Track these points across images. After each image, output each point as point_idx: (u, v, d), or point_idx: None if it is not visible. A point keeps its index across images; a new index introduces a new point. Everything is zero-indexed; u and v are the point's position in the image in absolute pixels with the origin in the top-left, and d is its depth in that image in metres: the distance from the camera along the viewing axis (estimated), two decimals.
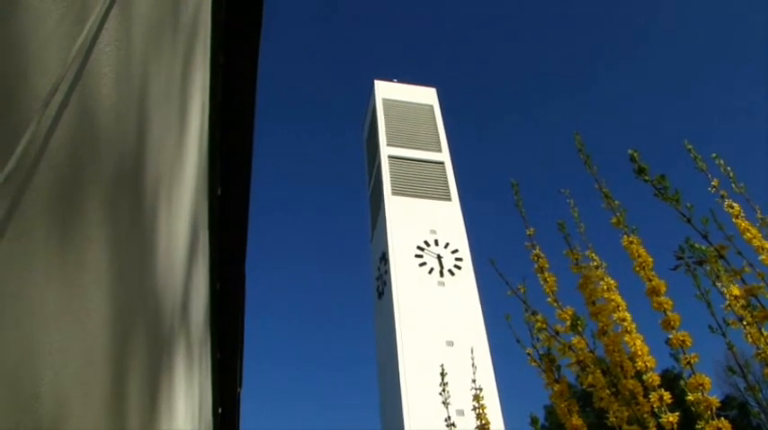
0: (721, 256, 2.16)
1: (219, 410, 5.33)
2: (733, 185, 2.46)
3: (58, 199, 1.00)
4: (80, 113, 1.09)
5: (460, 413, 4.15)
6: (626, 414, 2.03)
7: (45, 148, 0.93)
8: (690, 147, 2.45)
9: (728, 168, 2.50)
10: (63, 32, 0.99)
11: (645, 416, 2.00)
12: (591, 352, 2.19)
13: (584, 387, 2.17)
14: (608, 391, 2.09)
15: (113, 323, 1.36)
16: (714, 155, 2.53)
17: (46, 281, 0.96)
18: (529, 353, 2.42)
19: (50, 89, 0.92)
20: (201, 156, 3.08)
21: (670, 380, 2.21)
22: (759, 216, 2.35)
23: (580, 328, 2.22)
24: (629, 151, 2.27)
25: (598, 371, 2.13)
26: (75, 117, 1.06)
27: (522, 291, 2.49)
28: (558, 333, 2.30)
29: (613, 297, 2.19)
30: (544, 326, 2.33)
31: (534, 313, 2.39)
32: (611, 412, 2.06)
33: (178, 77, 2.23)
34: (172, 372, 2.41)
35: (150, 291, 1.84)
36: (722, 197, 2.36)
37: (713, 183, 2.40)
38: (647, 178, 2.23)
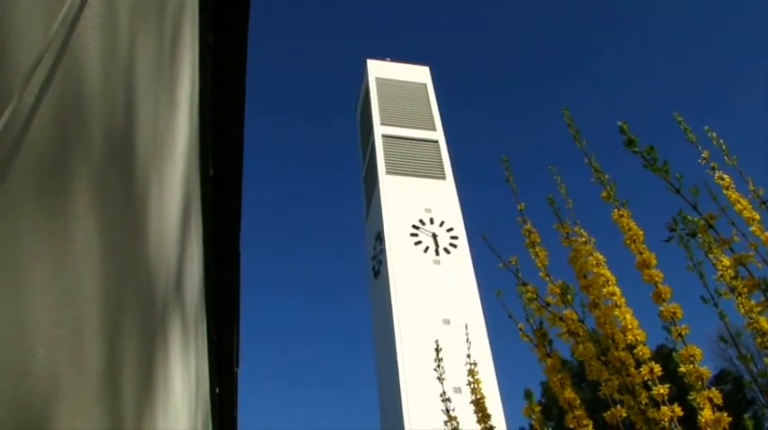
0: (710, 226, 2.16)
1: (217, 390, 5.36)
2: (725, 158, 2.46)
3: (44, 176, 1.00)
4: (65, 89, 1.08)
5: (458, 390, 4.18)
6: (616, 383, 2.05)
7: (29, 124, 0.92)
8: (680, 118, 2.44)
9: (721, 141, 2.50)
10: (44, 7, 0.98)
11: (636, 387, 2.02)
12: (581, 321, 2.21)
13: (575, 357, 2.18)
14: (599, 362, 2.10)
15: (106, 300, 1.36)
16: (706, 128, 2.52)
17: (34, 258, 0.96)
18: (521, 328, 2.43)
19: (32, 64, 0.91)
20: (192, 137, 3.06)
21: (665, 356, 2.22)
22: (751, 188, 2.35)
23: (570, 298, 2.23)
24: (619, 123, 2.26)
25: (589, 341, 2.14)
26: (60, 92, 1.05)
27: (513, 263, 2.50)
28: (548, 304, 2.31)
29: (602, 271, 2.19)
30: (535, 296, 2.34)
31: (524, 284, 2.40)
32: (603, 382, 2.08)
33: (166, 55, 2.21)
34: (167, 351, 2.41)
35: (143, 269, 1.84)
36: (713, 169, 2.36)
37: (703, 154, 2.39)
38: (636, 149, 2.23)
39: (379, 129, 29.84)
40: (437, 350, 3.46)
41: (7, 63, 0.87)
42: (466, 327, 4.74)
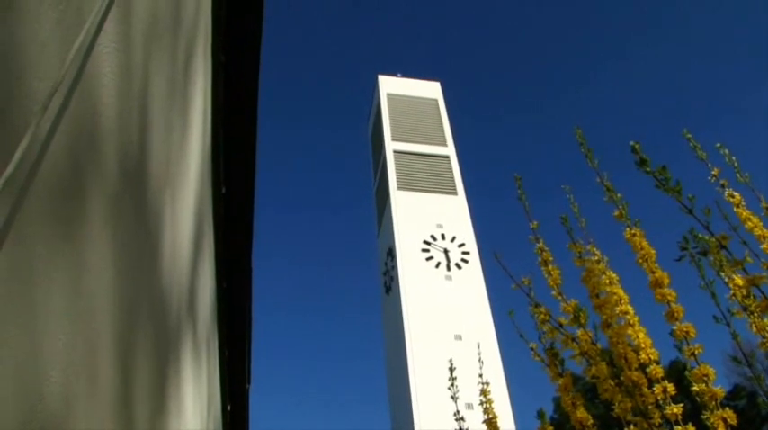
0: (723, 247, 2.15)
1: (228, 407, 5.35)
2: (737, 175, 2.44)
3: (60, 201, 1.01)
4: (81, 115, 1.09)
5: (470, 407, 4.15)
6: (629, 405, 2.03)
7: (45, 151, 0.94)
8: (689, 136, 2.43)
9: (733, 158, 2.48)
10: (60, 35, 1.00)
11: (649, 407, 2.01)
12: (594, 343, 2.20)
13: (588, 378, 2.17)
14: (612, 382, 2.09)
15: (119, 322, 1.37)
16: (718, 144, 2.50)
17: (49, 282, 0.96)
18: (532, 348, 2.42)
19: (49, 92, 0.93)
20: (205, 156, 3.08)
21: (679, 371, 2.21)
22: (763, 205, 2.33)
23: (582, 320, 2.23)
24: (631, 143, 2.26)
25: (602, 363, 2.13)
26: (76, 119, 1.07)
27: (526, 283, 2.50)
28: (561, 325, 2.30)
29: (615, 290, 2.19)
30: (547, 318, 2.34)
31: (537, 305, 2.39)
32: (616, 403, 2.07)
33: (180, 77, 2.23)
34: (179, 370, 2.42)
35: (156, 290, 1.85)
36: (722, 186, 2.35)
37: (713, 172, 2.38)
38: (648, 169, 2.22)
39: (391, 145, 29.90)
40: (451, 369, 3.44)
41: (24, 91, 0.88)
42: (478, 346, 4.72)
